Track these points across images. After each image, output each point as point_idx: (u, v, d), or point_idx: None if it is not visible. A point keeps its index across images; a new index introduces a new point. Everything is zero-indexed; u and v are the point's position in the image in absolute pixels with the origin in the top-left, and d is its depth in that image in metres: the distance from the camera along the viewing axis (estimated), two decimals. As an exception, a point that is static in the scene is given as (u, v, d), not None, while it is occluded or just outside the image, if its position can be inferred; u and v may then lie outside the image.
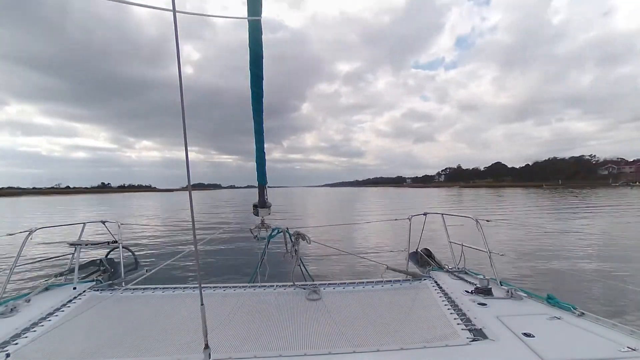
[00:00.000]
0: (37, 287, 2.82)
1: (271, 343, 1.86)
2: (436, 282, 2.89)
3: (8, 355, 1.72)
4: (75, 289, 2.84)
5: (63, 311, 2.41)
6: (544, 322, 1.97)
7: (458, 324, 2.01)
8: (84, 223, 3.71)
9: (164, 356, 1.75)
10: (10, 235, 3.09)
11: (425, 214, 3.85)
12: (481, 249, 3.00)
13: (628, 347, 1.59)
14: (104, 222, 3.84)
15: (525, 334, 1.78)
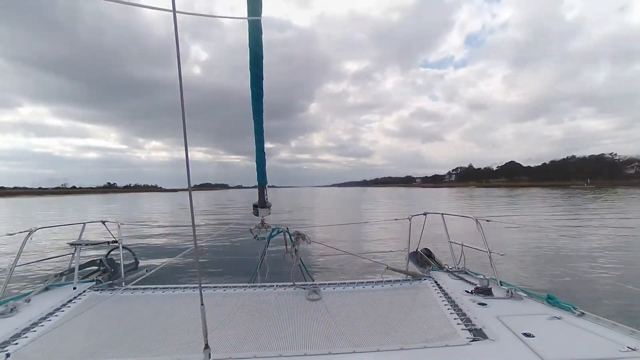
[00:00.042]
0: (37, 287, 2.82)
1: (271, 343, 1.86)
2: (436, 282, 2.89)
3: (8, 355, 1.72)
4: (75, 289, 2.84)
5: (63, 311, 2.41)
6: (544, 322, 1.97)
7: (458, 324, 2.00)
8: (84, 223, 3.71)
9: (164, 356, 1.75)
10: (10, 235, 3.09)
11: (425, 214, 3.85)
12: (481, 249, 3.00)
13: (628, 347, 1.59)
14: (104, 222, 3.84)
15: (525, 334, 1.78)
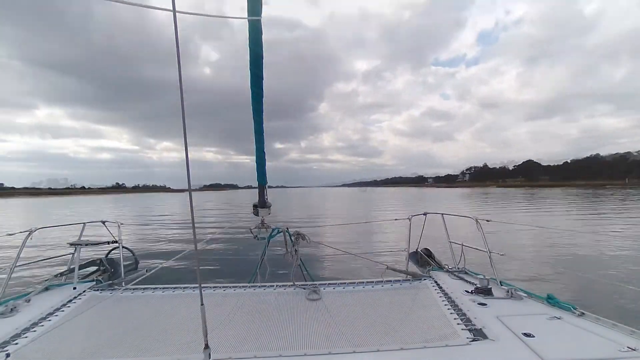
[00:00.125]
0: (37, 287, 2.82)
1: (271, 343, 1.86)
2: (436, 282, 2.89)
3: (8, 355, 1.72)
4: (75, 289, 2.84)
5: (63, 311, 2.41)
6: (544, 322, 1.97)
7: (458, 324, 2.00)
8: (84, 223, 3.71)
9: (164, 356, 1.75)
10: (10, 235, 3.09)
11: (425, 214, 3.85)
12: (481, 249, 3.00)
13: (628, 347, 1.59)
14: (104, 222, 3.84)
15: (525, 334, 1.78)
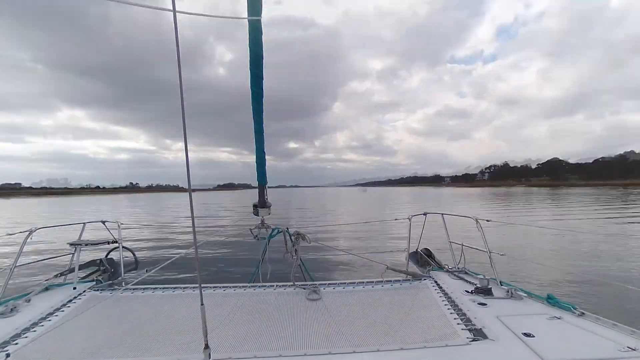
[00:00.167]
0: (37, 287, 2.82)
1: (271, 343, 1.86)
2: (436, 282, 2.89)
3: (8, 355, 1.72)
4: (75, 289, 2.84)
5: (63, 311, 2.41)
6: (544, 322, 1.97)
7: (458, 324, 2.00)
8: (84, 223, 3.71)
9: (164, 356, 1.75)
10: (10, 235, 3.09)
11: (425, 213, 3.85)
12: (481, 249, 3.00)
13: (628, 347, 1.59)
14: (104, 222, 3.84)
15: (525, 334, 1.78)
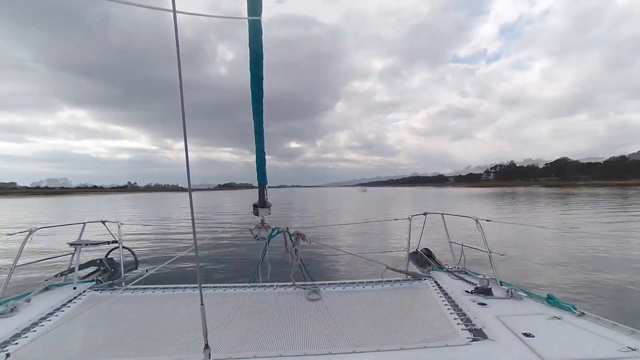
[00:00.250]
0: (37, 287, 2.83)
1: (271, 343, 1.86)
2: (436, 282, 2.89)
3: (8, 355, 1.72)
4: (75, 289, 2.84)
5: (63, 311, 2.41)
6: (544, 322, 1.97)
7: (458, 324, 2.00)
8: (84, 223, 3.71)
9: (164, 356, 1.75)
10: (10, 235, 3.09)
11: (425, 213, 3.85)
12: (481, 249, 3.00)
13: (628, 347, 1.59)
14: (104, 222, 3.84)
15: (525, 334, 1.78)
